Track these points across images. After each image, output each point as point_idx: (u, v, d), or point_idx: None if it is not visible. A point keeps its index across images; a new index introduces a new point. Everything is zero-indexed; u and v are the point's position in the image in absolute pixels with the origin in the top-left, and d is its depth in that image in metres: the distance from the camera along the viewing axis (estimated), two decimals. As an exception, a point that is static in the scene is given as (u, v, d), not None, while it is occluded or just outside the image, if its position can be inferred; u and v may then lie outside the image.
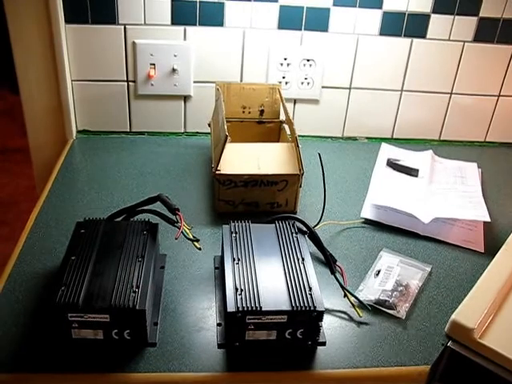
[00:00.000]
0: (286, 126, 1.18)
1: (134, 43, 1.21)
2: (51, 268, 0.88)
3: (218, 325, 0.80)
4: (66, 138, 1.28)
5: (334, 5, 1.20)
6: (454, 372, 0.75)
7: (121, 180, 1.13)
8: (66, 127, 1.27)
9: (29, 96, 1.25)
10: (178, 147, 1.28)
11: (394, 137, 1.39)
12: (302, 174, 1.02)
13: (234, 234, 0.87)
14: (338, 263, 0.91)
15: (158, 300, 0.83)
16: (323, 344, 0.78)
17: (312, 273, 0.80)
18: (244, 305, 0.72)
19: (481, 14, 1.24)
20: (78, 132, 1.30)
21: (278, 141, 1.22)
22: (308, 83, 1.29)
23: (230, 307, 0.73)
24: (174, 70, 1.24)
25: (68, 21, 1.17)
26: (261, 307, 0.72)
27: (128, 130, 1.31)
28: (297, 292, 0.75)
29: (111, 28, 1.19)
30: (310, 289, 0.76)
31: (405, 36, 1.25)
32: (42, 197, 1.07)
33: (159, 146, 1.27)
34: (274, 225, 0.90)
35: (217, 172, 1.00)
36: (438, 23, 1.24)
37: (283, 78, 1.28)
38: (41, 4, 1.13)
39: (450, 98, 1.34)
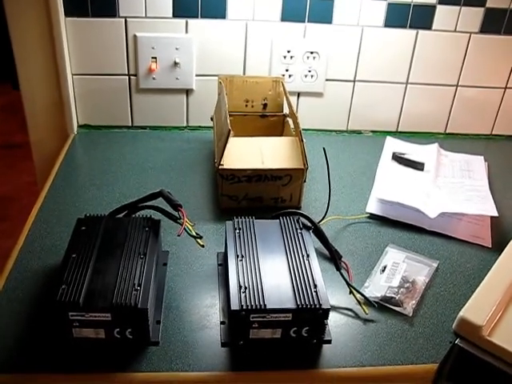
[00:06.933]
0: (290, 120, 1.17)
1: (135, 36, 1.19)
2: (52, 265, 0.87)
3: (222, 323, 0.79)
4: (67, 132, 1.27)
5: (338, -4, 1.19)
6: (462, 370, 0.74)
7: (122, 175, 1.12)
8: (67, 122, 1.26)
9: (29, 91, 1.24)
10: (180, 142, 1.27)
11: (399, 130, 1.37)
12: (307, 169, 1.00)
13: (237, 231, 0.85)
14: (343, 259, 0.90)
15: (161, 298, 0.82)
16: (329, 342, 0.77)
17: (317, 269, 0.78)
18: (248, 303, 0.71)
19: (488, 5, 1.22)
20: (79, 127, 1.29)
21: (281, 134, 1.21)
22: (312, 76, 1.27)
23: (234, 305, 0.71)
24: (175, 64, 1.22)
25: (68, 14, 1.15)
26: (265, 305, 0.71)
27: (129, 125, 1.30)
28: (302, 289, 0.74)
29: (112, 21, 1.17)
30: (316, 286, 0.75)
31: (410, 27, 1.24)
32: (42, 193, 1.06)
33: (161, 141, 1.26)
34: (278, 221, 0.89)
35: (220, 167, 0.99)
36: (444, 14, 1.22)
37: (286, 70, 1.26)
38: (40, -3, 1.12)
39: (456, 90, 1.32)
